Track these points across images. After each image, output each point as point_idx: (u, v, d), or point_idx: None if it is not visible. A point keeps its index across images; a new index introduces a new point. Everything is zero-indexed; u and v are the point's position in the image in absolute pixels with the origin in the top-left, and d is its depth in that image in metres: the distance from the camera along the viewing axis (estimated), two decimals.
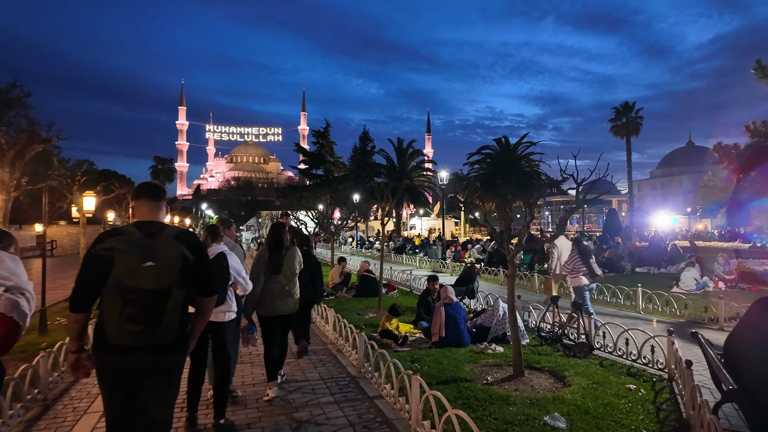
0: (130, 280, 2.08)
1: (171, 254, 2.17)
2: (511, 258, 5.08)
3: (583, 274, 7.44)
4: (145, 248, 2.14)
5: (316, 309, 8.09)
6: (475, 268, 8.88)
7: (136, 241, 2.17)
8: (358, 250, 29.94)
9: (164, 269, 2.13)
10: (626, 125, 54.67)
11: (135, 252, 2.10)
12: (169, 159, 79.89)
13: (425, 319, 7.21)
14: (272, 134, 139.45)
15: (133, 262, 2.08)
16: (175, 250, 2.20)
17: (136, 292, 2.09)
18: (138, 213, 2.37)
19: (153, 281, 2.10)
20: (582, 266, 7.44)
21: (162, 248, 2.17)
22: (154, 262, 2.11)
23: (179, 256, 2.19)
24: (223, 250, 4.02)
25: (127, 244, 2.12)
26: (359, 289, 11.02)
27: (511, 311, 5.12)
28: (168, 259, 2.16)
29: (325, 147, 50.46)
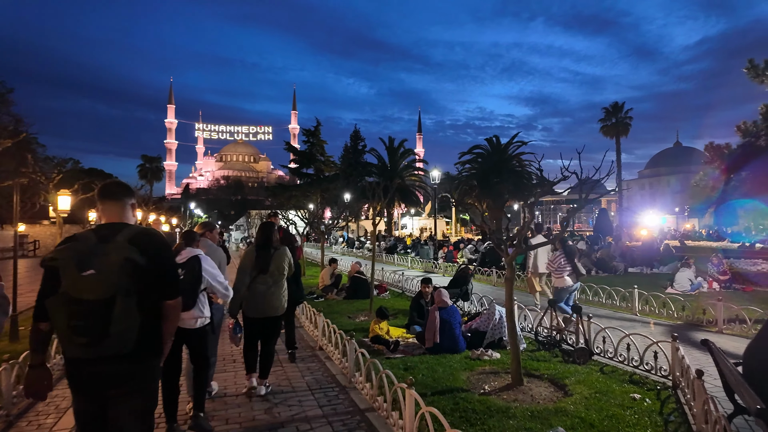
0: (72, 290, 1.97)
1: (113, 260, 2.02)
2: (509, 260, 4.83)
3: (567, 274, 7.41)
4: (88, 255, 2.02)
5: (304, 312, 7.79)
6: (469, 269, 8.64)
7: (83, 248, 2.06)
8: (348, 250, 29.60)
9: (104, 277, 1.99)
10: (616, 125, 55.08)
11: (75, 261, 2.00)
12: (158, 158, 78.89)
13: (418, 323, 6.95)
14: (262, 133, 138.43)
15: (74, 271, 1.98)
16: (119, 255, 2.04)
17: (79, 303, 1.97)
18: (102, 215, 2.29)
19: (93, 291, 1.97)
20: (567, 266, 7.42)
21: (107, 254, 2.04)
22: (95, 270, 1.99)
23: (123, 262, 2.03)
24: (197, 254, 3.91)
25: (69, 253, 2.03)
26: (350, 290, 10.72)
27: (510, 317, 4.87)
28: (110, 266, 2.01)
29: (316, 146, 50.06)
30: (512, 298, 4.95)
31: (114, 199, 2.29)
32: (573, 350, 5.70)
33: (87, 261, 2.00)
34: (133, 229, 2.21)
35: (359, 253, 27.54)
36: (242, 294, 4.44)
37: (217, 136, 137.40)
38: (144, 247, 2.13)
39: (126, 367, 2.08)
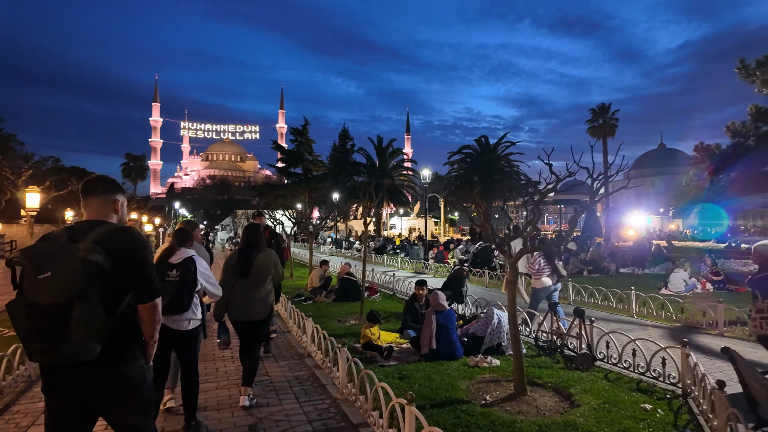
0: (30, 293, 1.87)
1: (71, 263, 1.88)
2: (513, 262, 4.53)
3: (547, 275, 7.32)
4: (49, 256, 1.91)
5: (292, 316, 7.42)
6: (463, 270, 8.34)
7: (48, 248, 1.96)
8: (336, 250, 29.19)
9: (60, 280, 1.86)
10: (602, 126, 55.54)
11: (32, 262, 1.89)
12: (142, 156, 77.54)
13: (412, 327, 6.63)
14: (249, 132, 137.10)
15: (30, 273, 1.87)
16: (76, 256, 1.89)
17: (35, 308, 1.86)
18: (83, 211, 2.20)
19: (48, 295, 1.85)
20: (546, 266, 7.33)
21: (65, 256, 1.91)
22: (50, 273, 1.86)
23: (81, 264, 1.88)
24: (192, 254, 3.85)
25: (31, 253, 1.92)
26: (339, 292, 10.36)
27: (513, 322, 4.57)
28: (66, 269, 1.87)
29: (304, 145, 49.48)
30: (515, 302, 4.66)
31: (93, 194, 2.18)
32: (576, 356, 5.43)
33: (46, 263, 1.87)
34: (106, 227, 2.07)
35: (348, 254, 27.16)
36: (226, 298, 4.34)
37: (203, 135, 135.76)
38: (111, 247, 1.99)
39: (104, 372, 1.98)
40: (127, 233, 2.11)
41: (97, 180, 2.24)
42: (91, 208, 2.17)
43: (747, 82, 16.29)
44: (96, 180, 2.24)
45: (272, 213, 19.66)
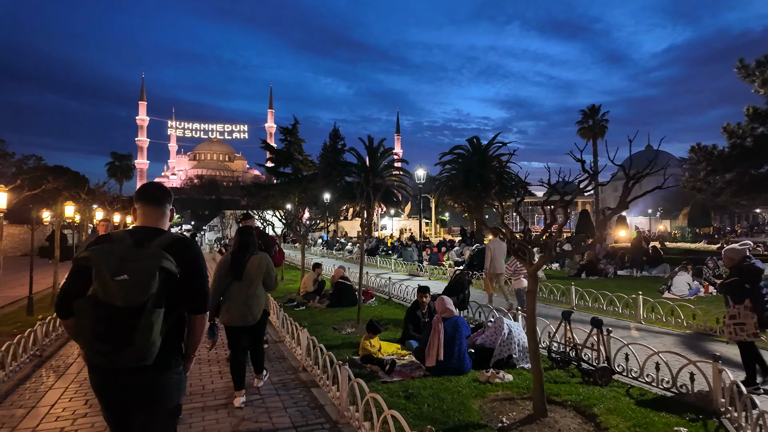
0: (103, 294, 1.87)
1: (148, 267, 1.93)
2: (533, 271, 4.11)
3: (524, 276, 7.39)
4: (122, 259, 1.93)
5: (285, 325, 6.93)
6: (466, 274, 7.91)
7: (118, 250, 1.97)
8: (328, 251, 28.64)
9: (137, 284, 1.89)
10: (592, 127, 55.70)
11: (109, 263, 1.90)
12: (128, 155, 76.00)
13: (414, 337, 6.19)
14: (238, 131, 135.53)
15: (106, 274, 1.87)
16: (154, 262, 1.95)
17: (107, 308, 1.86)
18: (138, 217, 2.22)
19: (123, 297, 1.87)
20: (523, 268, 7.32)
21: (142, 260, 1.94)
22: (128, 276, 1.88)
23: (157, 270, 1.94)
24: None
25: (104, 254, 1.93)
26: (334, 297, 9.88)
27: (532, 336, 4.14)
28: (143, 273, 1.91)
29: (294, 144, 48.77)
30: (534, 314, 4.23)
31: (154, 203, 2.22)
32: (594, 369, 5.03)
33: (121, 265, 1.90)
34: (169, 236, 2.12)
35: (339, 255, 26.63)
36: (217, 300, 4.38)
37: (190, 134, 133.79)
38: (179, 256, 2.04)
39: (147, 378, 2.00)
40: (188, 243, 2.15)
41: (158, 188, 2.27)
42: (150, 215, 2.20)
43: (747, 83, 16.16)
44: (156, 188, 2.26)
45: (261, 214, 19.07)
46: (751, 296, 4.82)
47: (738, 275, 4.93)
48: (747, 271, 4.92)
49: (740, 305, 4.86)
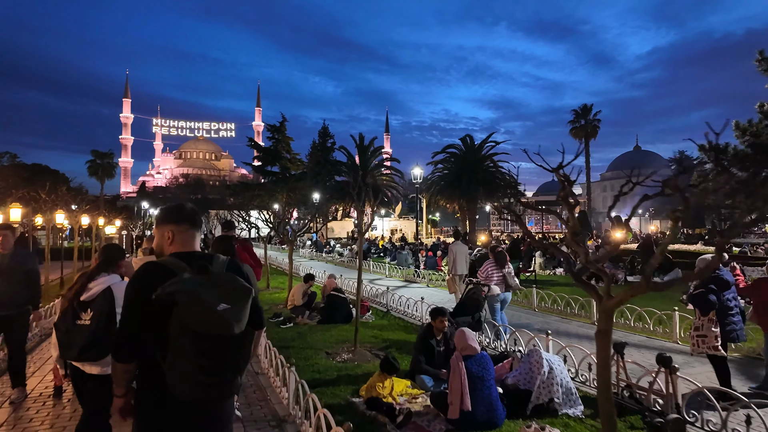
0: (204, 327, 1.73)
1: (244, 292, 1.88)
2: (612, 307, 3.01)
3: (495, 282, 7.26)
4: (215, 287, 1.81)
5: (267, 355, 5.73)
6: (482, 290, 6.78)
7: (200, 279, 1.83)
8: (317, 254, 27.36)
9: (239, 312, 1.83)
10: (584, 127, 55.31)
11: (208, 294, 1.77)
12: (110, 153, 73.72)
13: (428, 372, 5.05)
14: (225, 130, 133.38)
15: (206, 305, 1.74)
16: (243, 285, 1.90)
17: (211, 340, 1.75)
18: (178, 242, 2.05)
19: (231, 326, 1.77)
20: (494, 274, 7.30)
21: (228, 285, 1.86)
22: (229, 304, 1.79)
23: (251, 292, 1.92)
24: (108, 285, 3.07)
25: (192, 285, 1.78)
26: (326, 312, 8.71)
27: (605, 394, 3.01)
28: (243, 300, 1.87)
29: (282, 143, 47.27)
30: (608, 363, 3.11)
31: (197, 228, 2.13)
32: (663, 423, 3.94)
33: (220, 294, 1.80)
34: (225, 261, 2.04)
35: (330, 258, 25.36)
36: None
37: (176, 133, 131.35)
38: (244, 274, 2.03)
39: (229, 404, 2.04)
40: (241, 266, 2.10)
41: (196, 212, 2.16)
42: (194, 239, 2.10)
43: (766, 76, 15.30)
44: (196, 213, 2.16)
45: (245, 215, 17.78)
46: (716, 309, 4.78)
47: (704, 286, 4.88)
48: (714, 282, 4.89)
49: (705, 317, 4.80)
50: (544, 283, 14.00)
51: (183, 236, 2.04)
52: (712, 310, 4.79)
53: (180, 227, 2.05)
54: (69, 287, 3.26)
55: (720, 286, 4.89)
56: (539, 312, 9.96)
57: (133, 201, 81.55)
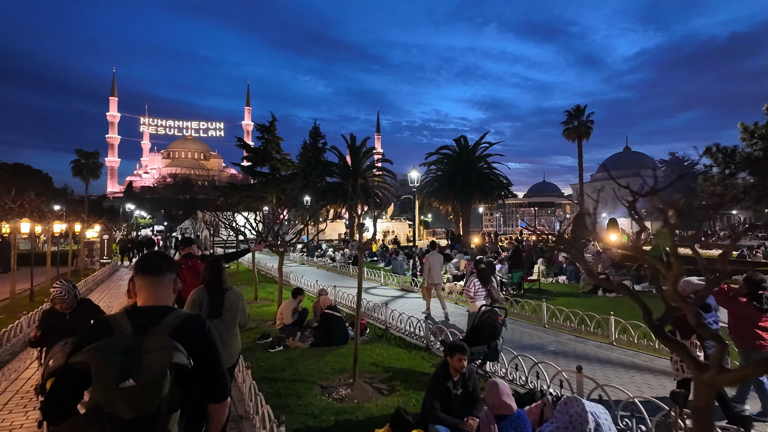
0: (107, 405, 1.56)
1: (157, 366, 1.59)
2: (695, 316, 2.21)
3: (482, 298, 7.13)
4: (126, 356, 1.58)
5: (250, 396, 4.86)
6: (498, 314, 5.96)
7: (118, 345, 1.62)
8: (308, 259, 26.44)
9: (147, 390, 1.56)
10: (578, 128, 54.91)
11: (111, 365, 1.56)
12: (95, 152, 71.72)
13: (444, 421, 4.23)
14: (214, 129, 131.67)
15: (109, 381, 1.54)
16: (164, 359, 1.60)
17: (113, 422, 1.55)
18: (138, 293, 1.91)
19: (131, 408, 1.55)
20: (481, 290, 7.23)
21: (148, 355, 1.60)
22: (135, 381, 1.55)
23: (168, 368, 1.60)
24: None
25: (103, 354, 1.58)
26: (319, 333, 7.86)
27: None
28: (153, 375, 1.57)
29: (272, 143, 46.28)
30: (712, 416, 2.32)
31: (154, 274, 1.91)
32: None
33: (125, 365, 1.55)
34: (177, 316, 1.83)
35: (321, 263, 24.46)
36: None
37: (164, 132, 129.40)
38: (190, 340, 1.74)
39: None
40: (199, 324, 1.88)
41: (160, 257, 1.98)
42: (151, 290, 1.90)
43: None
44: (159, 257, 1.98)
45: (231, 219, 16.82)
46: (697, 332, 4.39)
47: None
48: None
49: (687, 341, 4.60)
50: (549, 293, 13.28)
51: (141, 285, 1.90)
52: (693, 334, 4.58)
53: (137, 277, 1.91)
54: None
55: (702, 308, 4.65)
56: (550, 329, 9.20)
57: (120, 201, 79.93)
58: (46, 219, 12.59)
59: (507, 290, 12.99)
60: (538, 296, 12.59)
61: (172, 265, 1.99)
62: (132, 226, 50.17)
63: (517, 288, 13.30)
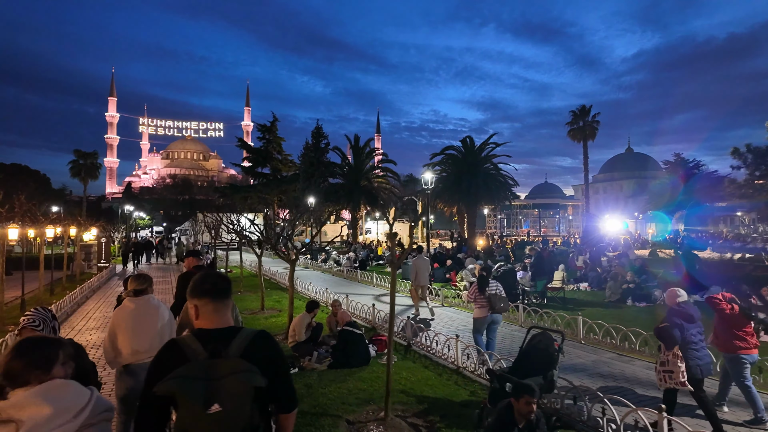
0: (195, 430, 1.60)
1: (239, 390, 1.64)
2: None
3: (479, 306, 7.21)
4: (207, 382, 1.61)
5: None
6: (552, 339, 5.12)
7: (199, 371, 1.65)
8: (312, 262, 25.60)
9: (233, 415, 1.61)
10: (583, 129, 54.21)
11: (196, 393, 1.59)
12: (93, 153, 70.89)
13: None
14: (213, 129, 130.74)
15: (196, 407, 1.58)
16: (244, 383, 1.66)
17: None
18: (202, 316, 1.90)
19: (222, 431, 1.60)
20: (481, 297, 7.21)
21: (228, 378, 1.64)
22: (221, 405, 1.59)
23: (249, 391, 1.67)
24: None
25: (186, 382, 1.61)
26: (338, 353, 7.05)
27: None
28: (237, 399, 1.63)
29: (273, 143, 45.53)
30: None
31: (224, 298, 1.93)
32: None
33: (213, 393, 1.60)
34: (245, 336, 1.84)
35: (326, 267, 23.62)
36: None
37: (163, 132, 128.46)
38: (259, 358, 1.78)
39: None
40: (267, 339, 1.92)
41: (221, 279, 1.98)
42: (221, 314, 1.91)
43: None
44: (221, 279, 1.98)
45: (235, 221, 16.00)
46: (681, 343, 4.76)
47: (669, 320, 4.85)
48: (679, 316, 4.86)
49: (670, 352, 4.75)
50: (574, 302, 12.52)
51: (209, 310, 1.89)
52: (675, 345, 4.71)
53: (210, 302, 1.90)
54: None
55: (686, 319, 4.83)
56: (587, 345, 8.40)
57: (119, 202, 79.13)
58: (38, 222, 11.77)
59: (530, 299, 12.20)
60: (563, 306, 11.83)
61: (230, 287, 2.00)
62: (131, 227, 49.21)
63: (540, 297, 12.50)
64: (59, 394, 1.68)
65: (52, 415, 1.60)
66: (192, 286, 1.93)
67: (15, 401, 1.62)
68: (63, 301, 11.15)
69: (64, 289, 15.47)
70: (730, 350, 5.18)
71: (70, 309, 11.60)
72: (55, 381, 1.73)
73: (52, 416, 1.60)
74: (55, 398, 1.65)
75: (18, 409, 1.59)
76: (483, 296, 7.17)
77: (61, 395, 1.68)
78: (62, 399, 1.67)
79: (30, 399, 1.62)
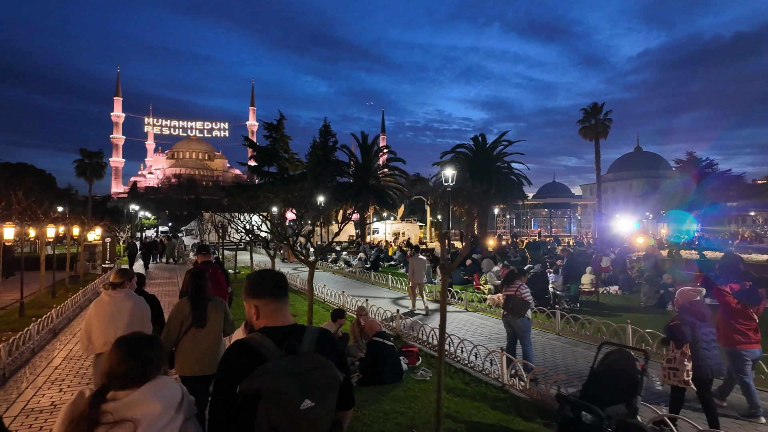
0: (287, 428, 1.51)
1: (326, 384, 1.61)
2: None
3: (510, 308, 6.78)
4: (295, 378, 1.56)
5: None
6: (633, 359, 4.36)
7: (283, 367, 1.58)
8: (322, 263, 24.85)
9: (324, 409, 1.59)
10: (595, 127, 53.22)
11: (288, 390, 1.52)
12: (99, 152, 70.44)
13: None
14: (218, 129, 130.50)
15: (289, 404, 1.51)
16: (330, 376, 1.62)
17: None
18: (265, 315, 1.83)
19: (312, 428, 1.54)
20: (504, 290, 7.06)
21: (313, 373, 1.59)
22: (312, 401, 1.53)
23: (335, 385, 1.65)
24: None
25: (277, 378, 1.54)
26: (368, 368, 6.27)
27: None
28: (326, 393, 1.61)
29: (279, 142, 44.77)
30: None
31: (283, 296, 1.87)
32: None
33: (301, 389, 1.54)
34: (313, 333, 1.78)
35: (336, 268, 22.84)
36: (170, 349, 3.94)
37: (168, 132, 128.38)
38: (328, 354, 1.71)
39: None
40: (330, 336, 1.86)
41: (281, 276, 1.91)
42: (285, 311, 1.87)
43: None
44: (280, 276, 1.91)
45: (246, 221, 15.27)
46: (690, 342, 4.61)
47: (680, 318, 4.74)
48: (691, 314, 4.73)
49: (678, 350, 4.63)
50: (608, 307, 11.71)
51: (272, 308, 1.83)
52: (686, 343, 4.60)
53: (274, 301, 1.84)
54: None
55: (698, 318, 4.72)
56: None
57: (124, 201, 78.89)
58: (39, 221, 11.09)
59: (561, 304, 11.39)
60: (598, 311, 11.01)
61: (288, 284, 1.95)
62: (136, 227, 48.68)
63: (572, 302, 11.68)
64: (163, 389, 1.70)
65: (163, 411, 1.64)
66: (250, 286, 1.87)
67: (127, 401, 1.62)
68: (65, 305, 10.45)
69: (67, 291, 14.78)
70: (731, 344, 5.12)
71: (72, 313, 10.89)
72: (158, 377, 1.74)
73: (163, 412, 1.64)
74: (161, 394, 1.68)
75: (130, 409, 1.60)
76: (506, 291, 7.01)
77: (165, 391, 1.70)
78: (167, 394, 1.70)
79: (141, 397, 1.64)
